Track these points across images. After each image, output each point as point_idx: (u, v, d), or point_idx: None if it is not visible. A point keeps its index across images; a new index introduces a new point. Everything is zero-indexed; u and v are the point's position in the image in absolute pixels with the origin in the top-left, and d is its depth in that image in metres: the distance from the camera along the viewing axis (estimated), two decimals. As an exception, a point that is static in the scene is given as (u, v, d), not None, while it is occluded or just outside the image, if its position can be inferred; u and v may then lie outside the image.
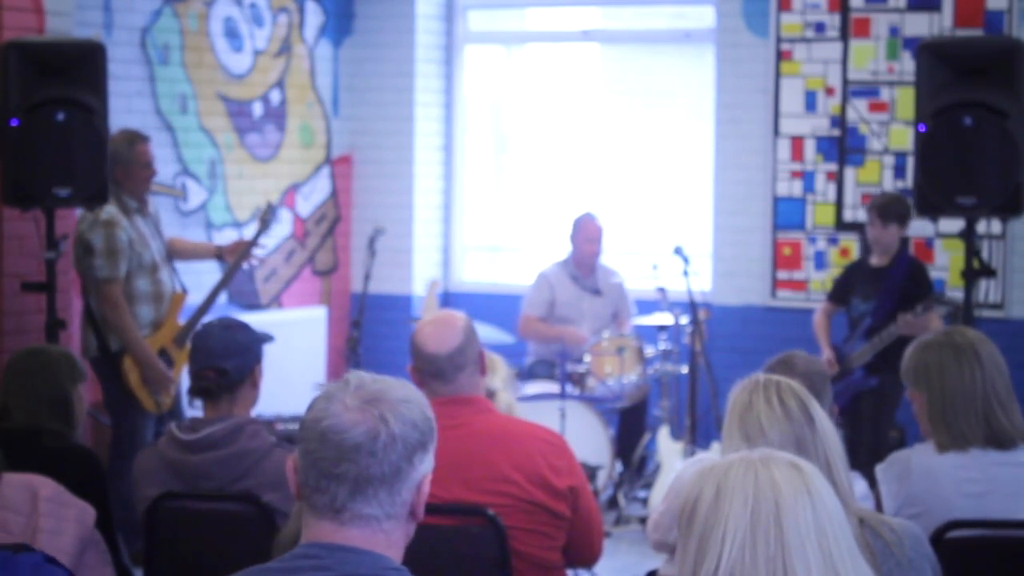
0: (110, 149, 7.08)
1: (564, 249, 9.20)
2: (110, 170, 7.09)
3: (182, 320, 7.39)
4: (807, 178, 9.33)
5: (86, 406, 4.96)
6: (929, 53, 6.88)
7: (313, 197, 10.09)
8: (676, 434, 8.58)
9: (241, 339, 4.54)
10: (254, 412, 4.65)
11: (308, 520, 2.45)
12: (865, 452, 7.18)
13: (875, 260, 8.01)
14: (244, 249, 7.61)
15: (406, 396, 2.48)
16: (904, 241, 8.12)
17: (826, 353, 7.94)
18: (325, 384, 2.50)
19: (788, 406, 3.16)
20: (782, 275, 9.40)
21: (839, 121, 9.23)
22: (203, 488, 4.41)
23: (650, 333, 8.92)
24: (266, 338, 4.67)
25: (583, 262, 9.09)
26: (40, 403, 4.78)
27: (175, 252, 7.56)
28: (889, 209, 7.85)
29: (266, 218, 7.76)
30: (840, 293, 8.16)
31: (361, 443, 2.41)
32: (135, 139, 7.27)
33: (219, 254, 7.73)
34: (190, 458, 4.40)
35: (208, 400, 4.47)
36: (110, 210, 7.09)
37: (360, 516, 2.42)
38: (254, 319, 8.04)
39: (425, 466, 2.47)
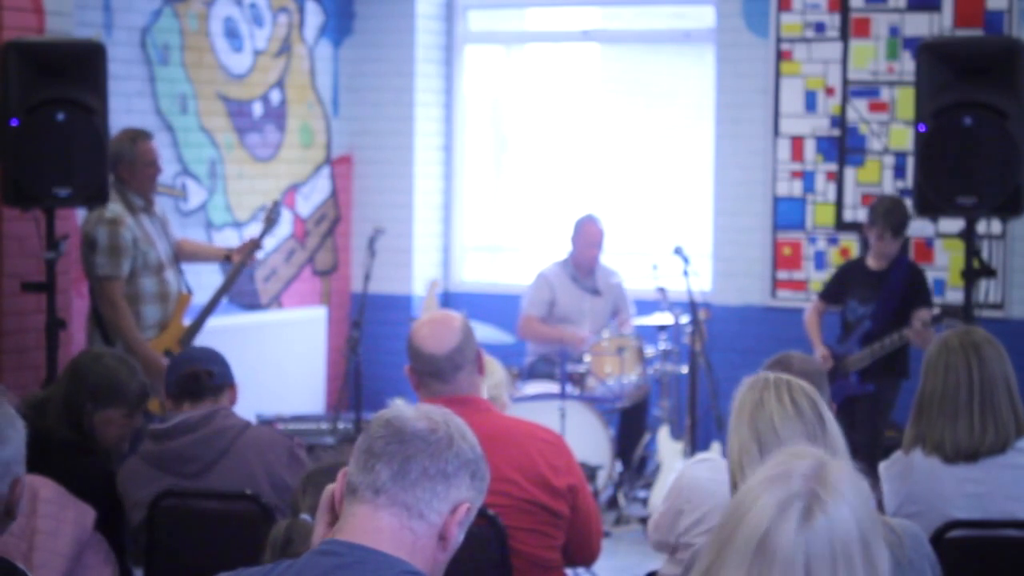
0: (113, 149, 7.09)
1: (564, 249, 9.20)
2: (114, 169, 7.11)
3: (187, 322, 7.38)
4: (807, 178, 9.33)
5: (118, 431, 4.79)
6: (929, 53, 6.88)
7: (313, 197, 10.09)
8: (676, 434, 8.58)
9: (220, 355, 4.76)
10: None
11: (345, 511, 2.48)
12: (862, 455, 7.18)
13: (873, 263, 7.97)
14: (249, 249, 7.60)
15: (469, 431, 2.57)
16: (903, 244, 8.11)
17: (820, 351, 7.93)
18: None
19: (800, 405, 3.15)
20: (782, 275, 9.40)
21: (839, 121, 9.23)
22: (187, 471, 4.49)
23: (650, 333, 8.91)
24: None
25: (583, 264, 9.09)
26: (57, 405, 4.75)
27: (181, 253, 7.54)
28: (899, 221, 7.83)
29: (271, 216, 7.75)
30: (834, 293, 8.11)
31: (418, 431, 2.48)
32: (138, 137, 7.26)
33: (227, 256, 7.70)
34: (169, 445, 4.51)
35: (191, 399, 4.59)
36: (115, 208, 7.08)
37: (396, 502, 2.45)
38: (254, 319, 8.08)
39: (468, 494, 2.52)
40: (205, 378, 4.59)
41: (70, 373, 4.81)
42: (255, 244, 7.60)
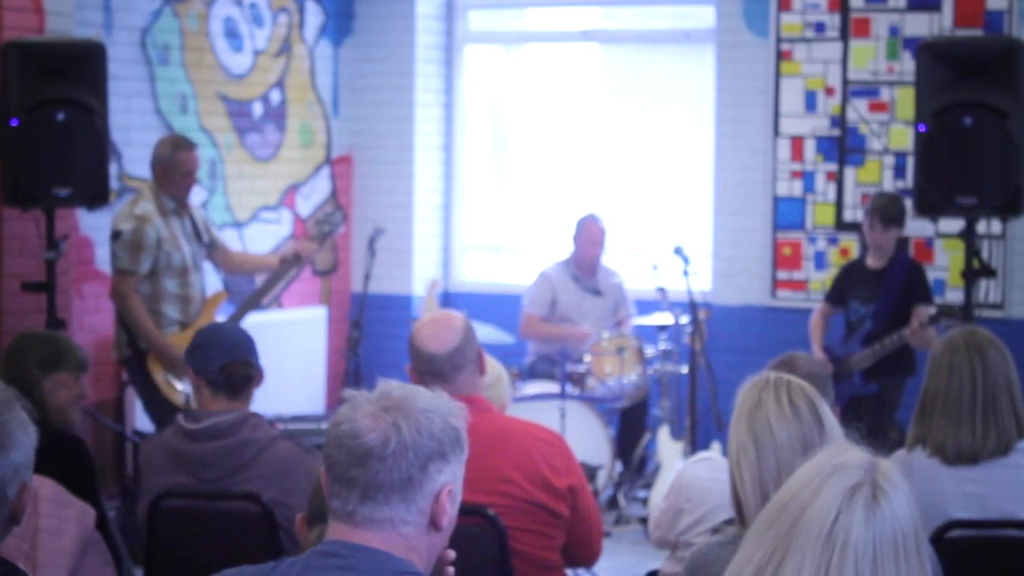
0: (155, 152, 7.29)
1: (565, 249, 9.20)
2: (152, 171, 7.27)
3: (222, 319, 7.44)
4: (807, 178, 9.32)
5: (70, 395, 4.78)
6: (929, 53, 6.88)
7: (313, 197, 10.09)
8: (676, 434, 8.58)
9: (249, 338, 4.63)
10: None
11: (331, 521, 2.48)
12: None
13: (872, 262, 7.97)
14: (302, 253, 7.70)
15: (428, 407, 2.48)
16: (903, 242, 8.11)
17: (818, 353, 7.91)
18: (354, 391, 2.52)
19: (798, 406, 3.15)
20: (782, 275, 9.40)
21: (839, 121, 9.23)
22: (204, 477, 4.43)
23: (650, 333, 8.91)
24: None
25: (584, 264, 9.09)
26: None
27: (230, 264, 7.68)
28: (890, 212, 7.82)
29: (334, 221, 7.91)
30: (837, 294, 8.12)
31: (371, 448, 2.42)
32: (179, 146, 7.38)
33: (282, 259, 7.79)
34: (193, 447, 4.43)
35: (230, 394, 4.49)
36: (146, 206, 7.20)
37: (372, 520, 2.44)
38: (254, 319, 8.08)
39: (445, 477, 2.47)
40: (246, 371, 4.47)
41: (11, 352, 4.74)
42: (308, 255, 7.71)
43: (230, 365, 4.47)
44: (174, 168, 7.26)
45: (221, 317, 7.48)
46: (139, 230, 7.13)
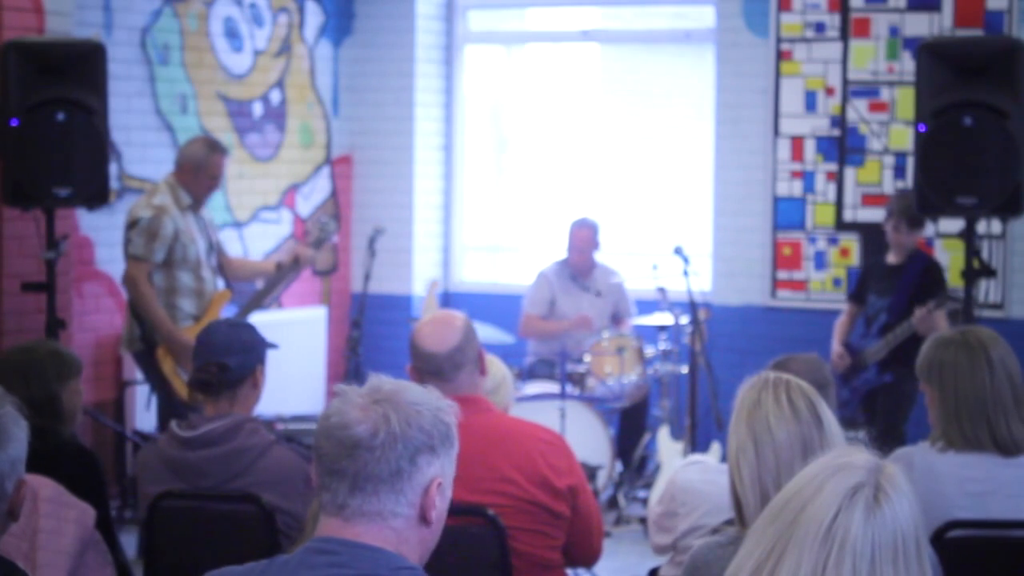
0: (187, 149, 7.41)
1: (563, 249, 9.20)
2: (179, 167, 7.38)
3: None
4: (807, 178, 9.33)
5: (81, 399, 4.84)
6: (929, 53, 6.87)
7: (313, 197, 10.09)
8: (676, 434, 8.58)
9: (245, 338, 4.56)
10: (254, 412, 4.64)
11: (321, 517, 2.48)
12: (876, 447, 7.18)
13: (892, 258, 8.09)
14: (299, 261, 7.79)
15: (418, 400, 2.49)
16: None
17: (836, 348, 7.99)
18: (344, 385, 2.53)
19: (797, 406, 3.15)
20: (782, 275, 9.40)
21: (839, 121, 9.23)
22: (201, 485, 4.41)
23: (650, 333, 8.91)
24: (270, 344, 4.68)
25: (578, 266, 9.11)
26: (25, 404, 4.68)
27: (229, 270, 7.73)
28: (915, 213, 7.85)
29: (328, 229, 8.00)
30: (859, 293, 8.21)
31: (360, 439, 2.43)
32: (215, 148, 7.50)
33: (279, 264, 7.88)
34: (188, 455, 4.40)
35: (208, 396, 4.46)
36: (163, 198, 7.32)
37: (363, 513, 2.44)
38: (254, 319, 8.08)
39: (434, 470, 2.47)
40: (215, 375, 4.42)
41: (26, 369, 4.72)
42: (306, 259, 7.78)
43: (201, 367, 4.46)
44: (205, 169, 7.38)
45: (225, 316, 7.49)
46: (157, 219, 7.23)
